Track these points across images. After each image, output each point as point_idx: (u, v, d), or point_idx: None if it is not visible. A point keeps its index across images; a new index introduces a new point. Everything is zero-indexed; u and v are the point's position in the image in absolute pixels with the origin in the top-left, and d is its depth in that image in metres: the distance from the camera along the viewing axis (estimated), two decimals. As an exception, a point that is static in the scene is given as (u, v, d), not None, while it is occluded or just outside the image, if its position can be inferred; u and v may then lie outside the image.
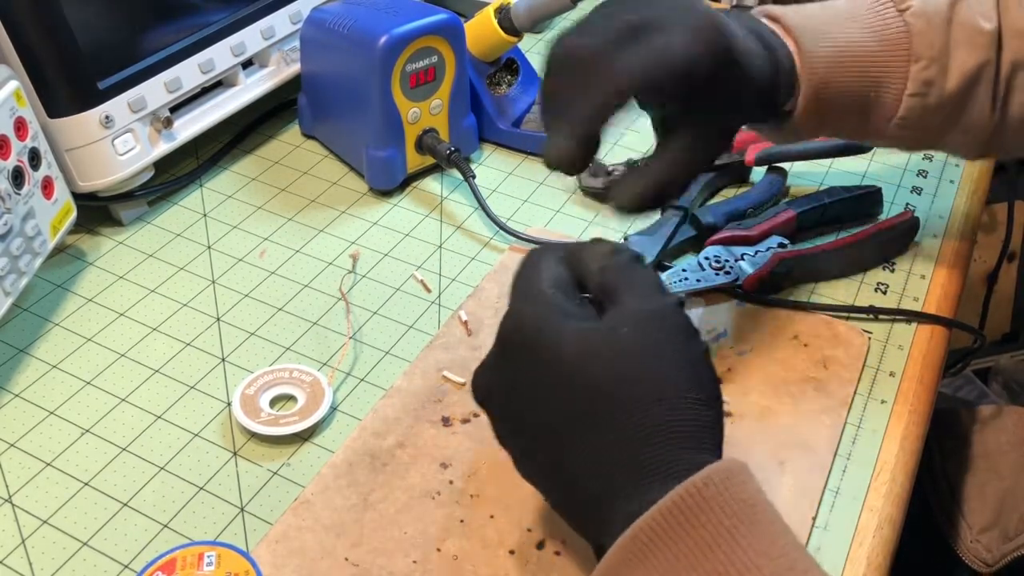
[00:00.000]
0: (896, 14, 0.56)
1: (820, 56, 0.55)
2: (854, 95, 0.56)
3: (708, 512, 0.38)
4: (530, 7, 0.77)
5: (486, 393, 0.46)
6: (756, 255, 0.68)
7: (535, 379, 0.42)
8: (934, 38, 0.56)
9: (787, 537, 0.39)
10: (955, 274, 0.70)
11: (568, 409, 0.41)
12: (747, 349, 0.63)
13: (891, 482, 0.56)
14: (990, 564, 0.73)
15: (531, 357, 0.43)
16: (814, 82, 0.55)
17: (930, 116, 0.57)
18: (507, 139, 0.82)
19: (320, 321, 0.66)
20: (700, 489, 0.38)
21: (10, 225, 0.60)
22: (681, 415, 0.41)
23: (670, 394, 0.41)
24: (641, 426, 0.40)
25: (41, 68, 0.65)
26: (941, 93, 0.56)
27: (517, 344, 0.43)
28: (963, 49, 0.56)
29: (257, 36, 0.77)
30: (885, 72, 0.56)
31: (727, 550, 0.37)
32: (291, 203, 0.77)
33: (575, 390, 0.41)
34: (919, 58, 0.56)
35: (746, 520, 0.38)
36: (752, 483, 0.40)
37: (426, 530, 0.52)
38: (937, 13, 0.56)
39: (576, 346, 0.42)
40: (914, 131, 0.58)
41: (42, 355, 0.63)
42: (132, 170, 0.71)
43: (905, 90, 0.56)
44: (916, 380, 0.62)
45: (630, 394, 0.40)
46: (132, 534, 0.53)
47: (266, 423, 0.57)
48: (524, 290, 0.45)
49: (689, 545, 0.38)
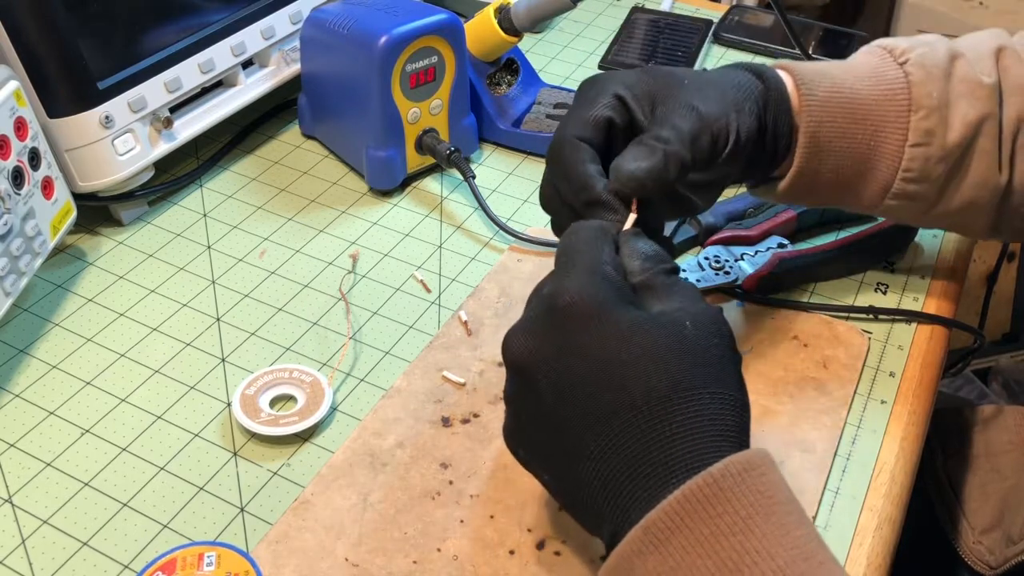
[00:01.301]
0: (896, 66, 0.56)
1: (819, 96, 0.55)
2: (852, 140, 0.56)
3: (724, 502, 0.38)
4: (530, 7, 0.77)
5: (526, 358, 0.44)
6: (756, 255, 0.68)
7: (588, 357, 0.42)
8: (933, 88, 0.55)
9: (803, 528, 0.39)
10: (955, 274, 0.70)
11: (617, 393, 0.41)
12: (747, 349, 0.63)
13: (891, 482, 0.56)
14: (993, 567, 0.73)
15: (588, 335, 0.42)
16: (813, 120, 0.54)
17: (933, 168, 0.56)
18: (507, 139, 0.82)
19: (320, 321, 0.66)
20: (717, 480, 0.38)
21: (10, 225, 0.60)
22: (729, 415, 0.41)
23: (721, 392, 0.41)
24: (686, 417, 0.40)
25: (41, 68, 0.65)
26: (943, 144, 0.55)
27: (576, 317, 0.42)
28: (964, 101, 0.56)
29: (257, 36, 0.77)
30: (884, 120, 0.55)
31: (741, 539, 0.38)
32: (291, 203, 0.77)
33: (628, 375, 0.41)
34: (919, 107, 0.55)
35: (762, 511, 0.38)
36: (773, 474, 0.40)
37: (426, 530, 0.52)
38: (936, 66, 0.56)
39: (640, 334, 0.41)
40: (919, 186, 0.56)
41: (42, 355, 0.63)
42: (132, 170, 0.71)
43: (907, 140, 0.55)
44: (916, 380, 0.62)
45: (689, 387, 0.41)
46: (132, 534, 0.53)
47: (266, 423, 0.57)
48: (584, 266, 0.44)
49: (704, 533, 0.38)
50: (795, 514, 0.40)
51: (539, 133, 0.81)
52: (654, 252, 0.46)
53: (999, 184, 0.57)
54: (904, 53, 0.57)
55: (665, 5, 1.03)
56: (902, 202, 0.57)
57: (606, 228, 0.47)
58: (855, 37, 0.97)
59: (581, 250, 0.45)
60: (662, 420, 0.40)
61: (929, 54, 0.56)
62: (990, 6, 1.70)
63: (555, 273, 0.45)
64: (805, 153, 0.55)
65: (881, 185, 0.57)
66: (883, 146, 0.56)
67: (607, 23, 1.01)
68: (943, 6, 1.76)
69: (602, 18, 1.02)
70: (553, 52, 0.96)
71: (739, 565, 0.37)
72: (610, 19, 1.01)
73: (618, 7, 1.03)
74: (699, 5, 1.05)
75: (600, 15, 1.02)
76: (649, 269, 0.45)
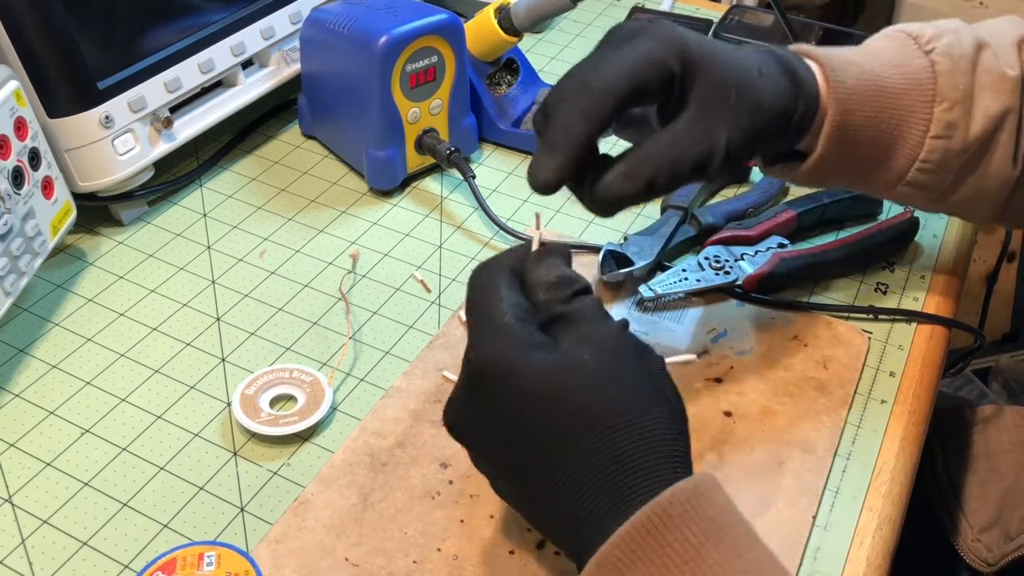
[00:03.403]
0: (922, 54, 0.56)
1: (848, 84, 0.54)
2: (877, 130, 0.55)
3: (674, 530, 0.39)
4: (530, 7, 0.77)
5: (461, 428, 0.46)
6: (756, 255, 0.68)
7: (509, 414, 0.43)
8: (959, 80, 0.55)
9: (755, 551, 0.40)
10: (955, 274, 0.70)
11: (544, 439, 0.42)
12: (747, 349, 0.63)
13: (891, 482, 0.56)
14: (991, 564, 0.73)
15: (503, 393, 0.43)
16: (840, 109, 0.54)
17: (952, 160, 0.56)
18: (507, 139, 0.82)
19: (320, 321, 0.66)
20: (665, 508, 0.39)
21: (10, 225, 0.60)
22: (651, 434, 0.41)
23: (638, 415, 0.41)
24: (614, 449, 0.41)
25: (41, 68, 0.65)
26: (965, 137, 0.55)
27: (489, 381, 0.43)
28: (987, 94, 0.55)
29: (257, 36, 0.77)
30: (909, 110, 0.55)
31: (693, 567, 0.38)
32: (291, 203, 0.77)
33: (549, 421, 0.42)
34: (943, 99, 0.55)
35: (712, 537, 0.39)
36: (719, 497, 0.40)
37: (426, 530, 0.52)
38: (963, 57, 0.55)
39: (547, 379, 0.42)
40: (934, 176, 0.56)
41: (42, 355, 0.63)
42: (132, 170, 0.71)
43: (928, 132, 0.55)
44: (916, 380, 0.62)
45: (601, 419, 0.41)
46: (132, 534, 0.53)
47: (266, 423, 0.57)
48: (487, 323, 0.45)
49: (657, 564, 0.38)
50: (745, 536, 0.40)
51: (539, 133, 0.81)
52: (556, 278, 0.46)
53: (1011, 177, 0.57)
54: (930, 41, 0.56)
55: (665, 5, 1.03)
56: (914, 190, 0.57)
57: (501, 267, 0.47)
58: (855, 37, 0.97)
59: (480, 303, 0.46)
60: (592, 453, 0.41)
61: (956, 44, 0.56)
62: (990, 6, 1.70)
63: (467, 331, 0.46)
64: (830, 141, 0.54)
65: (897, 172, 0.57)
66: (905, 135, 0.56)
67: (607, 23, 1.01)
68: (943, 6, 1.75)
69: (602, 18, 1.02)
70: (553, 52, 0.96)
71: None
72: (610, 19, 1.01)
73: (618, 7, 1.03)
74: (699, 5, 1.05)
75: (600, 15, 1.02)
76: (552, 300, 0.45)
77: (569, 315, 0.45)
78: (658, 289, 0.65)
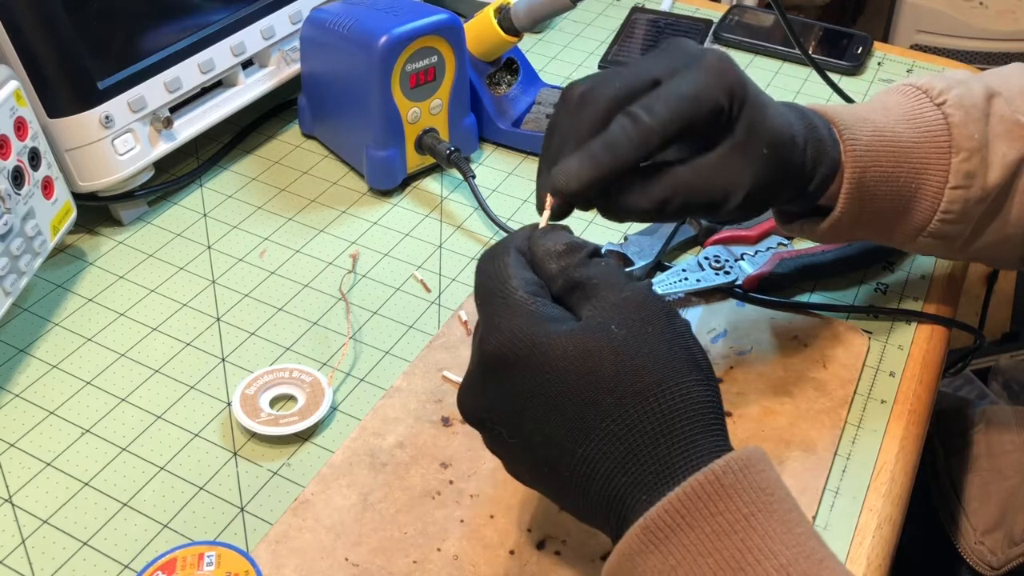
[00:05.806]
0: (934, 107, 0.56)
1: (863, 141, 0.54)
2: (895, 184, 0.55)
3: (726, 499, 0.38)
4: (530, 7, 0.77)
5: (479, 412, 0.44)
6: (756, 255, 0.68)
7: (537, 394, 0.42)
8: (973, 130, 0.55)
9: (804, 526, 0.39)
10: (955, 274, 0.70)
11: (577, 415, 0.41)
12: (747, 349, 0.63)
13: (891, 482, 0.56)
14: (995, 568, 0.73)
15: (527, 373, 0.42)
16: (857, 166, 0.54)
17: (972, 209, 0.56)
18: (507, 139, 0.82)
19: (320, 321, 0.66)
20: (719, 476, 0.38)
21: (10, 225, 0.60)
22: (688, 401, 0.41)
23: (672, 381, 0.41)
24: (652, 420, 0.40)
25: (41, 68, 0.65)
26: (984, 185, 0.55)
27: (509, 362, 0.42)
28: (1003, 141, 0.55)
29: (257, 36, 0.77)
30: (925, 163, 0.55)
31: (743, 536, 0.38)
32: (291, 203, 0.77)
33: (582, 396, 0.41)
34: (960, 150, 0.55)
35: (763, 508, 0.38)
36: (771, 471, 0.40)
37: (426, 530, 0.52)
38: (974, 106, 0.56)
39: (574, 353, 0.41)
40: (955, 226, 0.56)
41: (42, 355, 0.63)
42: (132, 170, 0.71)
43: (947, 183, 0.55)
44: (916, 380, 0.62)
45: (635, 388, 0.40)
46: (132, 534, 0.53)
47: (266, 423, 0.57)
48: (499, 303, 0.43)
49: (706, 531, 0.38)
50: (795, 512, 0.40)
51: (539, 133, 0.81)
52: (565, 246, 0.45)
53: None
54: (941, 94, 0.56)
55: (665, 5, 1.03)
56: (936, 240, 0.57)
57: (507, 248, 0.46)
58: (855, 37, 0.97)
59: (489, 286, 0.44)
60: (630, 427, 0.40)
61: (967, 95, 0.56)
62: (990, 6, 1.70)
63: (479, 317, 0.45)
64: (849, 198, 0.55)
65: (918, 225, 0.57)
66: (924, 188, 0.56)
67: (607, 23, 1.01)
68: (943, 6, 1.76)
69: (602, 18, 1.02)
70: (553, 52, 0.96)
71: (741, 564, 0.37)
72: (610, 19, 1.01)
73: (618, 7, 1.03)
74: (699, 5, 1.05)
75: (600, 15, 1.02)
76: (565, 268, 0.44)
77: (588, 281, 0.43)
78: (658, 289, 0.65)
